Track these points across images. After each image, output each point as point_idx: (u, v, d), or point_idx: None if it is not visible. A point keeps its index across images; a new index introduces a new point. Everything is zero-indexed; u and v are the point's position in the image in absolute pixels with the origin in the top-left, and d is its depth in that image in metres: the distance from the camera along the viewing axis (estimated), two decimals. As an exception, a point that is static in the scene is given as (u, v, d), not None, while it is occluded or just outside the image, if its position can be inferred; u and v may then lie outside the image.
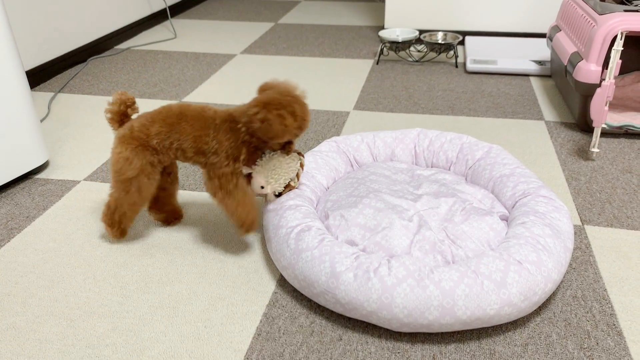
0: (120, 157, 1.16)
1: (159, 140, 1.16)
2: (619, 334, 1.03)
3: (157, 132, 1.15)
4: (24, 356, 1.01)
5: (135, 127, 1.16)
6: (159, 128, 1.15)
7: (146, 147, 1.16)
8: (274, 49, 2.83)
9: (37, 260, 1.27)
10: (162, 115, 1.17)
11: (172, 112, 1.17)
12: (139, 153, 1.16)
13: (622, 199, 1.46)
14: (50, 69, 2.44)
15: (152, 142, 1.16)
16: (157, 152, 1.17)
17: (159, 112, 1.18)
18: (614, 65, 1.54)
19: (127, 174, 1.16)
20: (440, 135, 1.51)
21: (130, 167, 1.16)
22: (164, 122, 1.16)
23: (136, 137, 1.16)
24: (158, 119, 1.16)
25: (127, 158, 1.15)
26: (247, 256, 1.27)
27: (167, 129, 1.15)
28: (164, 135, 1.15)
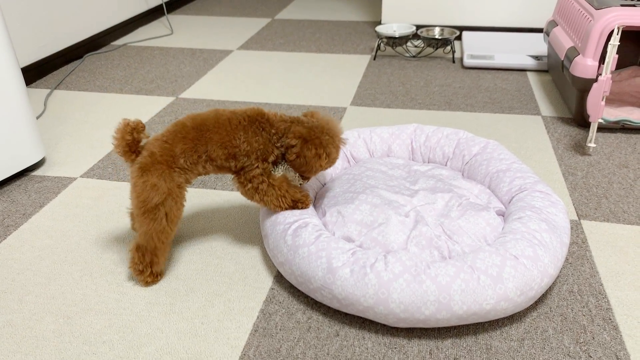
0: (146, 186, 1.08)
1: (186, 158, 1.11)
2: (615, 328, 1.04)
3: (182, 150, 1.10)
4: (21, 354, 1.01)
5: (157, 152, 1.10)
6: (183, 146, 1.10)
7: (173, 169, 1.10)
8: (270, 44, 2.83)
9: (34, 257, 1.27)
10: (181, 133, 1.11)
11: (189, 128, 1.12)
12: (166, 177, 1.09)
13: (619, 193, 1.46)
14: (46, 66, 2.43)
15: (180, 162, 1.10)
16: (185, 170, 1.12)
17: (174, 132, 1.12)
18: (611, 60, 1.54)
19: (154, 200, 1.09)
20: (437, 130, 1.51)
21: (157, 192, 1.09)
22: (185, 139, 1.11)
23: (161, 162, 1.09)
24: (178, 137, 1.11)
25: (154, 185, 1.08)
26: (244, 252, 1.27)
27: (191, 144, 1.10)
28: (190, 151, 1.10)
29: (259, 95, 2.16)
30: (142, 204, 1.09)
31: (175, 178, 1.11)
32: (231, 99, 2.13)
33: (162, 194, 1.09)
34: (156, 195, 1.09)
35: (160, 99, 2.14)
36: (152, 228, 1.11)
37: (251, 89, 2.23)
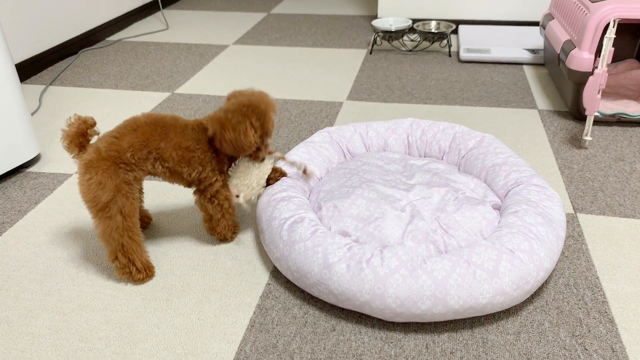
0: (91, 184, 1.05)
1: (133, 152, 1.07)
2: (611, 321, 1.04)
3: (130, 144, 1.07)
4: (17, 350, 1.01)
5: (102, 147, 1.06)
6: (131, 139, 1.07)
7: (118, 165, 1.06)
8: (266, 39, 2.82)
9: (29, 254, 1.26)
10: (131, 127, 1.09)
11: (142, 122, 1.09)
12: (111, 174, 1.06)
13: (615, 186, 1.46)
14: (40, 62, 2.42)
15: (126, 157, 1.07)
16: (132, 167, 1.08)
17: (124, 126, 1.09)
18: (607, 53, 1.54)
19: (102, 199, 1.05)
20: (433, 124, 1.51)
21: (104, 190, 1.05)
22: (135, 132, 1.08)
23: (105, 158, 1.06)
24: (127, 131, 1.08)
25: (99, 182, 1.05)
26: (240, 248, 1.27)
27: (141, 138, 1.08)
28: (139, 145, 1.07)
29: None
30: (92, 204, 1.07)
31: (120, 174, 1.07)
32: (227, 94, 2.12)
33: (109, 191, 1.06)
34: (104, 194, 1.05)
35: (156, 95, 2.14)
36: (109, 226, 1.08)
37: (247, 83, 2.23)
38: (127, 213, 1.09)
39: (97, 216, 1.08)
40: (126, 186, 1.08)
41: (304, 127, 1.84)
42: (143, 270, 1.15)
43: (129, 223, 1.10)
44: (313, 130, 1.82)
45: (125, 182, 1.08)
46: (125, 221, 1.09)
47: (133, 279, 1.15)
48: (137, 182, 1.11)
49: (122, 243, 1.11)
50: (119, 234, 1.09)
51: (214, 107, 2.00)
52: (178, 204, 1.44)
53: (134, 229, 1.11)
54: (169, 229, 1.34)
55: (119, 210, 1.07)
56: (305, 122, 1.87)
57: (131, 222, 1.10)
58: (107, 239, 1.10)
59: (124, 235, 1.10)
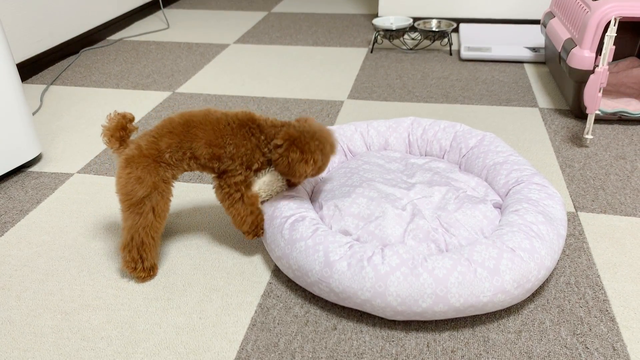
0: (130, 178, 1.07)
1: (171, 153, 1.09)
2: (612, 319, 1.04)
3: (168, 145, 1.09)
4: (19, 350, 1.01)
5: (143, 145, 1.09)
6: (169, 141, 1.09)
7: (159, 163, 1.09)
8: (267, 38, 2.82)
9: (31, 253, 1.27)
10: (168, 128, 1.11)
11: (177, 123, 1.11)
12: (151, 171, 1.08)
13: (616, 185, 1.46)
14: (41, 61, 2.42)
15: (165, 157, 1.09)
16: (170, 166, 1.11)
17: (162, 126, 1.12)
18: (608, 51, 1.54)
19: (138, 193, 1.07)
20: (434, 123, 1.51)
21: (142, 185, 1.07)
22: (171, 134, 1.10)
23: (147, 155, 1.08)
24: (164, 132, 1.10)
25: (138, 177, 1.07)
26: (242, 247, 1.27)
27: (177, 139, 1.10)
28: (175, 146, 1.10)
29: (255, 90, 2.16)
30: (127, 197, 1.08)
31: (160, 172, 1.09)
32: (228, 93, 2.12)
33: (147, 187, 1.08)
34: (141, 189, 1.07)
35: (157, 94, 2.14)
36: (138, 223, 1.10)
37: (248, 83, 2.23)
38: (158, 212, 1.11)
39: (129, 210, 1.09)
40: (163, 184, 1.11)
41: (305, 126, 1.84)
42: (148, 270, 1.16)
43: (157, 222, 1.12)
44: (314, 129, 1.82)
45: (164, 181, 1.11)
46: (155, 220, 1.11)
47: (136, 275, 1.15)
48: (174, 179, 1.14)
49: (143, 240, 1.12)
50: (144, 232, 1.11)
51: (214, 107, 2.00)
52: (180, 203, 1.44)
53: (159, 229, 1.13)
54: (170, 228, 1.34)
55: (151, 207, 1.10)
56: (306, 121, 1.87)
57: (160, 221, 1.12)
58: (131, 234, 1.11)
59: (148, 235, 1.11)
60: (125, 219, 1.11)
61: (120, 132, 1.11)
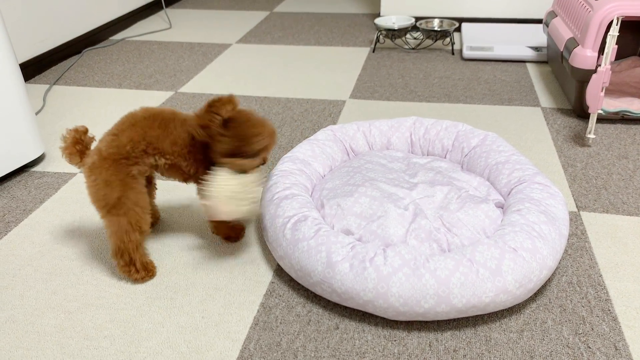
0: (98, 184, 1.07)
1: (132, 146, 1.07)
2: (614, 319, 1.04)
3: (129, 138, 1.07)
4: (22, 349, 1.01)
5: (102, 147, 1.08)
6: (130, 134, 1.07)
7: (119, 161, 1.07)
8: (269, 38, 2.82)
9: (35, 253, 1.27)
10: (129, 122, 1.09)
11: (140, 116, 1.10)
12: (114, 171, 1.07)
13: (618, 184, 1.46)
14: (44, 61, 2.43)
15: (126, 150, 1.07)
16: (134, 160, 1.08)
17: (123, 122, 1.10)
18: (610, 50, 1.53)
19: (113, 195, 1.06)
20: (436, 123, 1.51)
21: (112, 187, 1.06)
22: (134, 127, 1.08)
23: (106, 157, 1.07)
24: (125, 127, 1.08)
25: (105, 180, 1.06)
26: (244, 246, 1.27)
27: (140, 132, 1.08)
28: (138, 139, 1.07)
29: (257, 89, 2.16)
30: (102, 203, 1.07)
31: (123, 170, 1.07)
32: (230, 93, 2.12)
33: (117, 187, 1.07)
34: (112, 190, 1.06)
35: (159, 94, 2.14)
36: (123, 224, 1.09)
37: (250, 82, 2.23)
38: (142, 206, 1.10)
39: (109, 215, 1.08)
40: (132, 180, 1.09)
41: (307, 125, 1.84)
42: (142, 270, 1.15)
43: (141, 217, 1.10)
44: (316, 128, 1.82)
45: (131, 176, 1.08)
46: (139, 215, 1.10)
47: (133, 278, 1.15)
48: (142, 176, 1.12)
49: (131, 239, 1.11)
50: (132, 231, 1.10)
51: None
52: (182, 202, 1.45)
53: (145, 222, 1.12)
54: (173, 227, 1.35)
55: (132, 205, 1.08)
56: (308, 121, 1.87)
57: (143, 215, 1.11)
58: (118, 237, 1.10)
59: (136, 231, 1.10)
60: (108, 224, 1.10)
61: (77, 147, 1.09)
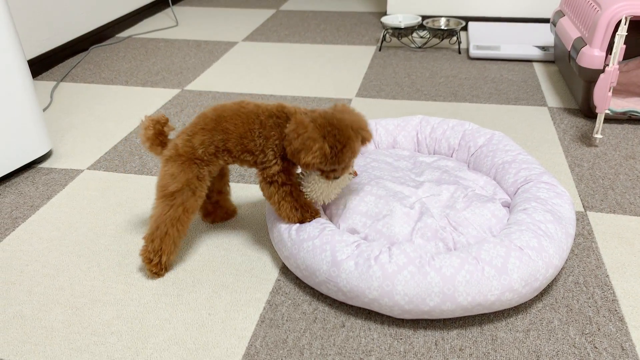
0: (166, 174, 1.12)
1: (204, 149, 1.11)
2: (621, 319, 1.04)
3: (201, 142, 1.11)
4: (30, 344, 1.02)
5: (179, 144, 1.12)
6: (201, 137, 1.11)
7: (193, 160, 1.12)
8: (275, 36, 2.82)
9: (42, 249, 1.28)
10: (200, 124, 1.12)
11: (209, 118, 1.12)
12: (185, 168, 1.12)
13: (625, 185, 1.46)
14: (52, 58, 2.44)
15: (198, 153, 1.11)
16: (205, 162, 1.13)
17: (196, 123, 1.13)
18: (618, 50, 1.53)
19: (170, 187, 1.11)
20: (443, 122, 1.51)
21: (174, 181, 1.11)
22: (203, 130, 1.12)
23: (182, 154, 1.12)
24: (197, 129, 1.12)
25: (172, 174, 1.12)
26: (251, 244, 1.28)
27: (208, 135, 1.11)
28: (207, 142, 1.11)
29: (264, 87, 2.16)
30: (160, 189, 1.13)
31: (194, 170, 1.12)
32: (236, 91, 2.13)
33: (179, 182, 1.11)
34: (173, 183, 1.12)
35: (166, 91, 2.15)
36: (167, 214, 1.13)
37: (256, 80, 2.23)
38: (187, 208, 1.14)
39: (160, 200, 1.13)
40: (197, 181, 1.13)
41: (313, 124, 1.84)
42: (161, 267, 1.17)
43: (184, 217, 1.14)
44: (322, 127, 1.82)
45: (198, 178, 1.13)
46: (184, 214, 1.13)
47: (149, 268, 1.16)
48: (211, 175, 1.16)
49: (168, 231, 1.14)
50: (170, 223, 1.13)
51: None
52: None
53: (186, 224, 1.15)
54: (180, 224, 1.35)
55: (182, 202, 1.13)
56: (315, 119, 1.87)
57: (187, 216, 1.14)
58: (157, 223, 1.14)
59: (174, 226, 1.14)
60: (155, 207, 1.14)
61: (160, 138, 1.16)
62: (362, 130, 1.07)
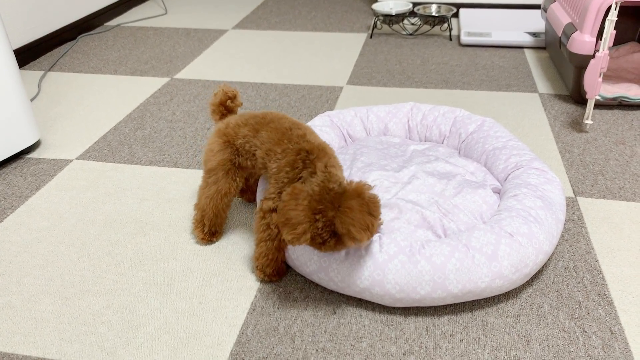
0: (209, 148, 1.15)
1: (243, 143, 1.11)
2: (610, 303, 1.05)
3: (244, 135, 1.11)
4: (20, 335, 1.01)
5: (231, 124, 1.14)
6: (247, 131, 1.11)
7: (231, 145, 1.13)
8: (266, 23, 2.80)
9: (31, 239, 1.27)
10: (256, 119, 1.12)
11: (264, 119, 1.12)
12: (224, 149, 1.13)
13: (615, 170, 1.46)
14: (39, 47, 2.40)
15: (237, 143, 1.12)
16: (239, 154, 1.13)
17: (255, 115, 1.13)
18: (608, 35, 1.53)
19: (208, 164, 1.14)
20: (434, 109, 1.50)
21: (212, 158, 1.14)
22: (253, 127, 1.11)
23: (226, 134, 1.13)
24: (250, 122, 1.12)
25: (212, 150, 1.14)
26: (242, 232, 1.27)
27: (252, 133, 1.11)
28: (248, 139, 1.11)
29: (254, 75, 2.15)
30: (204, 164, 1.17)
31: (228, 153, 1.13)
32: (226, 79, 2.11)
33: (215, 161, 1.14)
34: (210, 160, 1.15)
35: (155, 80, 2.13)
36: (204, 189, 1.17)
37: (247, 68, 2.22)
38: (220, 188, 1.15)
39: (205, 174, 1.17)
40: (230, 164, 1.14)
41: (304, 112, 1.83)
42: (208, 235, 1.21)
43: (218, 197, 1.16)
44: (313, 115, 1.81)
45: (231, 162, 1.14)
46: (216, 194, 1.15)
47: (196, 232, 1.22)
48: (242, 169, 1.15)
49: (204, 207, 1.18)
50: (207, 200, 1.17)
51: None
52: (179, 189, 1.44)
53: (219, 202, 1.17)
54: (170, 214, 1.35)
55: (215, 182, 1.15)
56: (306, 107, 1.86)
57: (220, 197, 1.16)
58: (199, 195, 1.19)
59: (209, 204, 1.17)
60: (202, 181, 1.19)
61: (222, 107, 1.20)
62: (362, 232, 0.91)
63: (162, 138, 1.70)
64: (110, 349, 0.98)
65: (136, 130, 1.75)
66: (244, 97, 1.96)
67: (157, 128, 1.76)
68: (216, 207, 1.17)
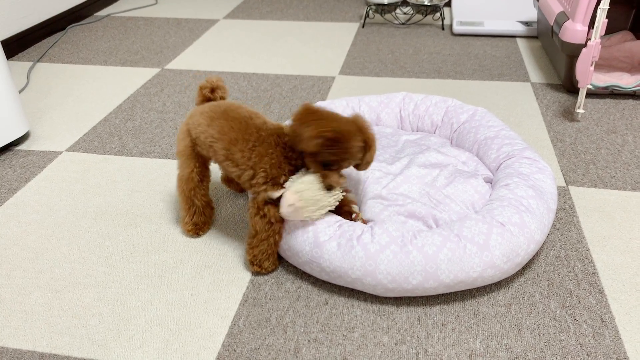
0: (179, 131, 1.17)
1: (198, 133, 1.11)
2: (601, 292, 1.05)
3: (198, 123, 1.11)
4: (10, 328, 1.01)
5: (195, 112, 1.14)
6: (201, 120, 1.11)
7: (189, 133, 1.14)
8: (257, 13, 2.78)
9: (21, 232, 1.26)
10: (211, 108, 1.11)
11: (219, 108, 1.10)
12: (185, 137, 1.15)
13: (607, 159, 1.47)
14: (28, 38, 2.38)
15: (193, 132, 1.13)
16: (195, 143, 1.13)
17: (213, 104, 1.13)
18: (600, 24, 1.52)
19: (178, 146, 1.17)
20: (426, 98, 1.50)
21: (180, 141, 1.16)
22: (207, 115, 1.10)
23: (187, 122, 1.15)
24: (206, 110, 1.11)
25: (179, 134, 1.17)
26: (234, 224, 1.27)
27: (206, 122, 1.09)
28: (202, 128, 1.10)
29: (246, 65, 2.13)
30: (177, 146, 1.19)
31: (189, 142, 1.15)
32: (218, 70, 2.10)
33: (180, 145, 1.16)
34: (178, 143, 1.17)
35: (146, 71, 2.11)
36: (181, 172, 1.18)
37: (238, 58, 2.20)
38: (183, 174, 1.17)
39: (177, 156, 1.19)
40: (190, 150, 1.15)
41: (296, 102, 1.82)
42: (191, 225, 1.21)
43: (183, 179, 1.17)
44: (305, 105, 1.80)
45: (192, 149, 1.15)
46: (181, 175, 1.17)
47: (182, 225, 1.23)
48: (202, 157, 1.16)
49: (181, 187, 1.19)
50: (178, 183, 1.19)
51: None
52: (170, 180, 1.43)
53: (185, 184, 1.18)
54: (161, 206, 1.34)
55: (179, 165, 1.18)
56: (297, 97, 1.85)
57: (184, 184, 1.17)
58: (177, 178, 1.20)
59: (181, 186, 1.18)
60: None
61: (203, 91, 1.19)
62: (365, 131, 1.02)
63: (153, 129, 1.69)
64: (101, 341, 0.98)
65: (126, 122, 1.74)
66: (235, 88, 1.94)
67: (148, 119, 1.75)
68: (183, 193, 1.18)
